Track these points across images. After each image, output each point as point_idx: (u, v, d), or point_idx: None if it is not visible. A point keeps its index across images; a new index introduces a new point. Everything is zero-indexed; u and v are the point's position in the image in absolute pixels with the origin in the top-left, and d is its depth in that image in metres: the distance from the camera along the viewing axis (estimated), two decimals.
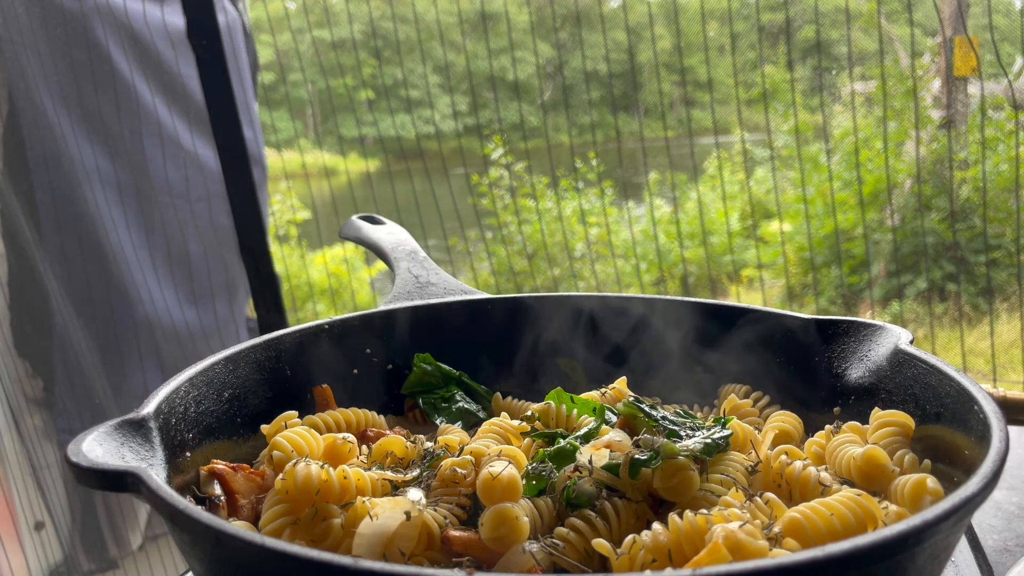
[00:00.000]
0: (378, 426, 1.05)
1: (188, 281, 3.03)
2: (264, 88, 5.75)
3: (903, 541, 0.60)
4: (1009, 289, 5.72)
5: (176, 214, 3.00)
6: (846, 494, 0.75)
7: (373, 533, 0.74)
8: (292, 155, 6.83)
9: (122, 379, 2.89)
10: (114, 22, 2.80)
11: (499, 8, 6.52)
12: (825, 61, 6.38)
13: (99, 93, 2.78)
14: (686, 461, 0.82)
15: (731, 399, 1.06)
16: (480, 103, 7.69)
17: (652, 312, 1.18)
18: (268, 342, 1.06)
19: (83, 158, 2.76)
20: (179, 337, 2.97)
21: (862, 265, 6.15)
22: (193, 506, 0.67)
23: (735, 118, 6.24)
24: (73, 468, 0.71)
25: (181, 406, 0.89)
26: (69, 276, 2.76)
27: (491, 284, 6.12)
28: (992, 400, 0.79)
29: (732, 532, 0.66)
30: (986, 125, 5.72)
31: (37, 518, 2.68)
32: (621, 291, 5.86)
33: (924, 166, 5.79)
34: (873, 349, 0.98)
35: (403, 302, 1.23)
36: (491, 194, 6.22)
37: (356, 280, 6.59)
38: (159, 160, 2.94)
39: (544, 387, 1.09)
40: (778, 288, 6.42)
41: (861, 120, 6.36)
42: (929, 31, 6.63)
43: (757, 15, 6.08)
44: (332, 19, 5.69)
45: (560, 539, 0.77)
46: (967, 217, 5.86)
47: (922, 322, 5.56)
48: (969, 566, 1.02)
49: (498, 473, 0.77)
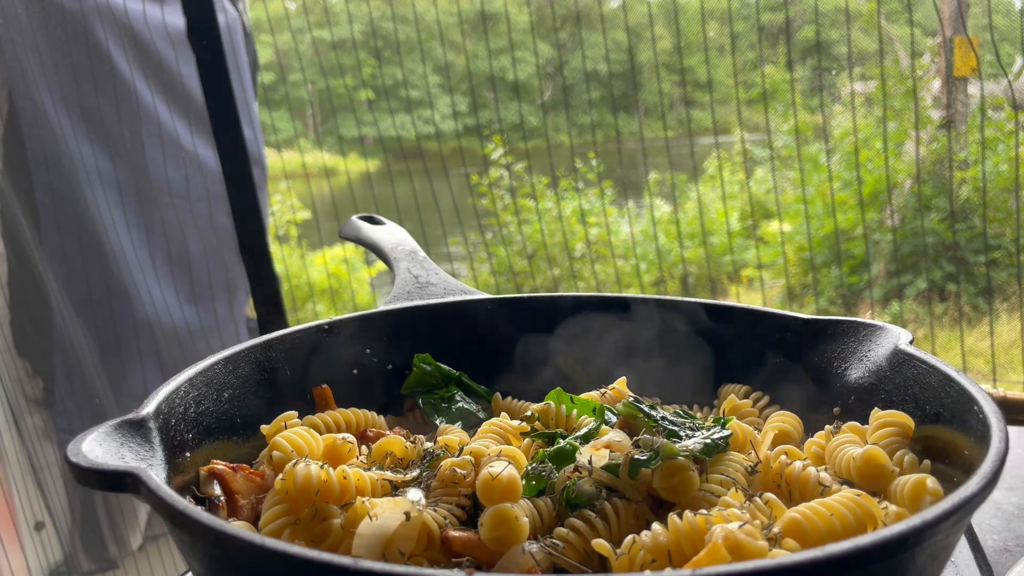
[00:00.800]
0: (378, 426, 1.05)
1: (188, 281, 3.03)
2: (264, 88, 5.75)
3: (903, 541, 0.60)
4: (1009, 289, 5.72)
5: (176, 214, 3.00)
6: (846, 494, 0.75)
7: (373, 533, 0.74)
8: (292, 155, 6.83)
9: (122, 379, 2.89)
10: (114, 22, 2.80)
11: (499, 8, 6.52)
12: (825, 61, 6.38)
13: (99, 93, 2.78)
14: (686, 461, 0.82)
15: (731, 399, 1.06)
16: (480, 103, 7.69)
17: (652, 312, 1.18)
18: (268, 342, 1.06)
19: (83, 158, 2.76)
20: (179, 337, 2.97)
21: (862, 265, 6.15)
22: (193, 506, 0.67)
23: (735, 118, 6.24)
24: (73, 468, 0.71)
25: (181, 406, 0.89)
26: (69, 276, 2.76)
27: (491, 284, 6.12)
28: (992, 400, 0.79)
29: (732, 532, 0.66)
30: (986, 125, 5.72)
31: (37, 518, 2.68)
32: (621, 291, 5.86)
33: (924, 166, 5.79)
34: (873, 349, 0.98)
35: (403, 302, 1.23)
36: (491, 194, 6.22)
37: (356, 280, 6.60)
38: (159, 160, 2.94)
39: (544, 387, 1.09)
40: (778, 288, 6.42)
41: (861, 120, 6.36)
42: (929, 31, 6.63)
43: (757, 15, 6.08)
44: (332, 19, 5.69)
45: (560, 539, 0.77)
46: (967, 217, 5.86)
47: (922, 322, 5.56)
48: (969, 566, 1.02)
49: (498, 473, 0.77)
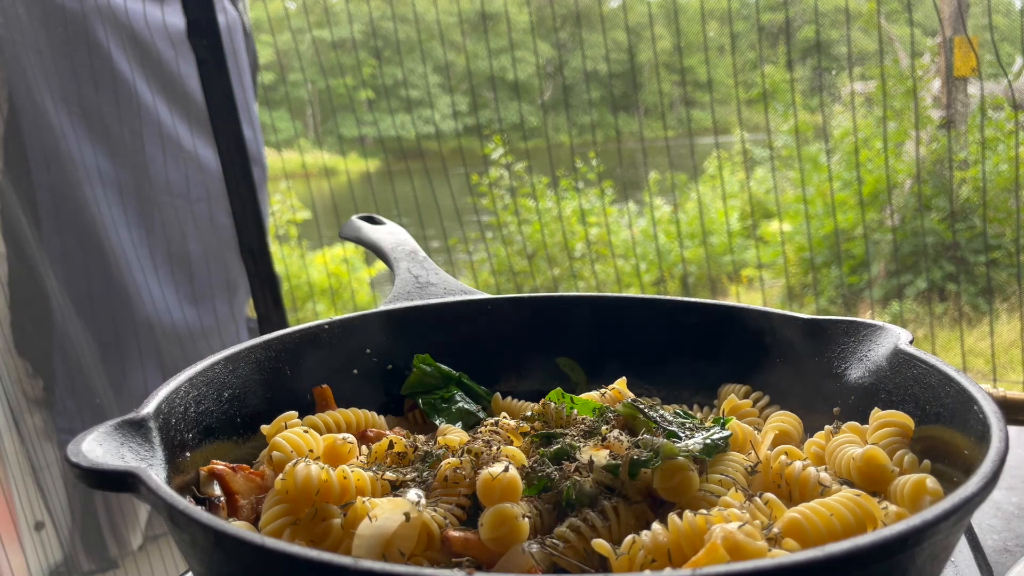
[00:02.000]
0: (378, 426, 1.05)
1: (188, 281, 3.04)
2: (264, 88, 5.75)
3: (903, 541, 0.60)
4: (1009, 289, 5.72)
5: (176, 214, 3.00)
6: (846, 494, 0.75)
7: (373, 534, 0.74)
8: (292, 155, 6.83)
9: (122, 379, 2.89)
10: (114, 22, 2.80)
11: (499, 8, 6.51)
12: (825, 61, 6.38)
13: (99, 93, 2.78)
14: (686, 462, 0.82)
15: (731, 399, 1.06)
16: (480, 103, 7.69)
17: (652, 312, 1.18)
18: (268, 342, 1.06)
19: (83, 158, 2.76)
20: (179, 337, 2.97)
21: (862, 265, 6.15)
22: (193, 506, 0.67)
23: (735, 118, 6.24)
24: (73, 468, 0.71)
25: (181, 406, 0.89)
26: (69, 276, 2.76)
27: (491, 284, 6.12)
28: (992, 400, 0.79)
29: (730, 533, 0.66)
30: (986, 125, 5.72)
31: (37, 518, 2.68)
32: (621, 291, 5.86)
33: (924, 166, 5.79)
34: (873, 349, 0.98)
35: (403, 302, 1.23)
36: (491, 194, 6.22)
37: (356, 280, 6.59)
38: (159, 160, 2.94)
39: (544, 387, 1.09)
40: (778, 288, 6.42)
41: (861, 120, 6.36)
42: (929, 31, 6.63)
43: (757, 15, 6.07)
44: (332, 19, 5.69)
45: (560, 539, 0.77)
46: (967, 217, 5.86)
47: (922, 322, 5.56)
48: (969, 566, 1.02)
49: (498, 473, 0.77)
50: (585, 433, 0.92)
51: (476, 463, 0.85)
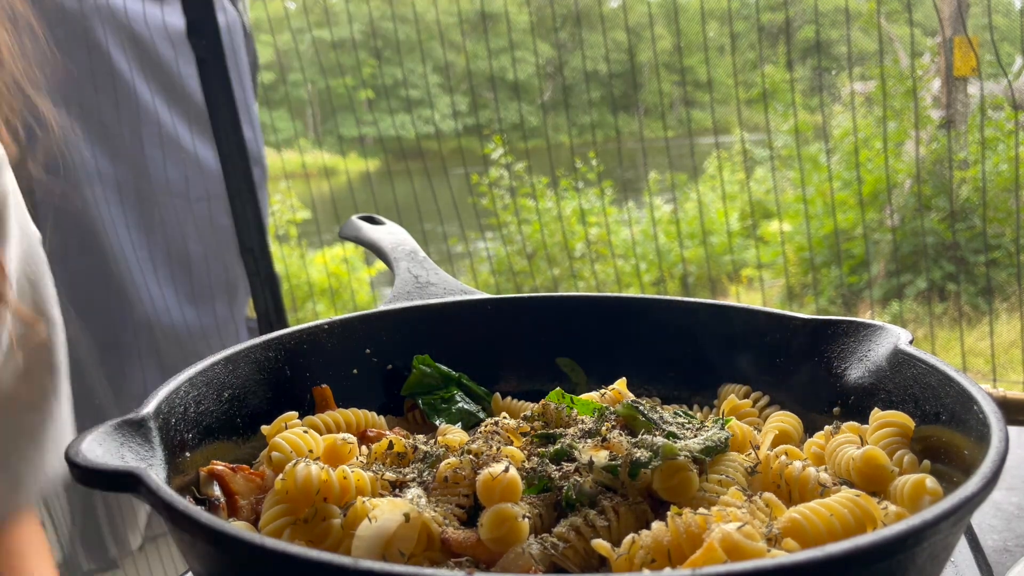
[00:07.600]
0: (378, 426, 1.05)
1: (188, 281, 3.03)
2: (264, 88, 5.75)
3: (902, 541, 0.60)
4: (1009, 289, 5.72)
5: (176, 214, 3.00)
6: (845, 495, 0.75)
7: (372, 535, 0.74)
8: (292, 155, 6.83)
9: (122, 379, 2.89)
10: (114, 22, 2.80)
11: (499, 8, 6.51)
12: (825, 61, 6.38)
13: (99, 93, 2.78)
14: (685, 462, 0.82)
15: (731, 399, 1.06)
16: (480, 103, 7.70)
17: (651, 312, 1.18)
18: (268, 342, 1.06)
19: (83, 158, 2.76)
20: (179, 337, 2.97)
21: (862, 265, 6.15)
22: (193, 506, 0.67)
23: (735, 118, 6.24)
24: (73, 468, 0.71)
25: (181, 406, 0.89)
26: (69, 276, 2.76)
27: (491, 284, 6.12)
28: (992, 400, 0.79)
29: (728, 533, 0.66)
30: (986, 125, 5.72)
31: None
32: (621, 291, 5.86)
33: (924, 166, 5.79)
34: (873, 349, 0.98)
35: (403, 302, 1.23)
36: (491, 194, 6.23)
37: (356, 280, 6.60)
38: (159, 160, 2.94)
39: (544, 387, 1.09)
40: (778, 288, 6.42)
41: (861, 120, 6.36)
42: (929, 31, 6.63)
43: (757, 15, 6.08)
44: (332, 19, 5.70)
45: (560, 539, 0.77)
46: (967, 217, 5.86)
47: (922, 322, 5.56)
48: (969, 566, 1.02)
49: (498, 473, 0.77)
50: (585, 433, 0.91)
51: (476, 463, 0.85)
